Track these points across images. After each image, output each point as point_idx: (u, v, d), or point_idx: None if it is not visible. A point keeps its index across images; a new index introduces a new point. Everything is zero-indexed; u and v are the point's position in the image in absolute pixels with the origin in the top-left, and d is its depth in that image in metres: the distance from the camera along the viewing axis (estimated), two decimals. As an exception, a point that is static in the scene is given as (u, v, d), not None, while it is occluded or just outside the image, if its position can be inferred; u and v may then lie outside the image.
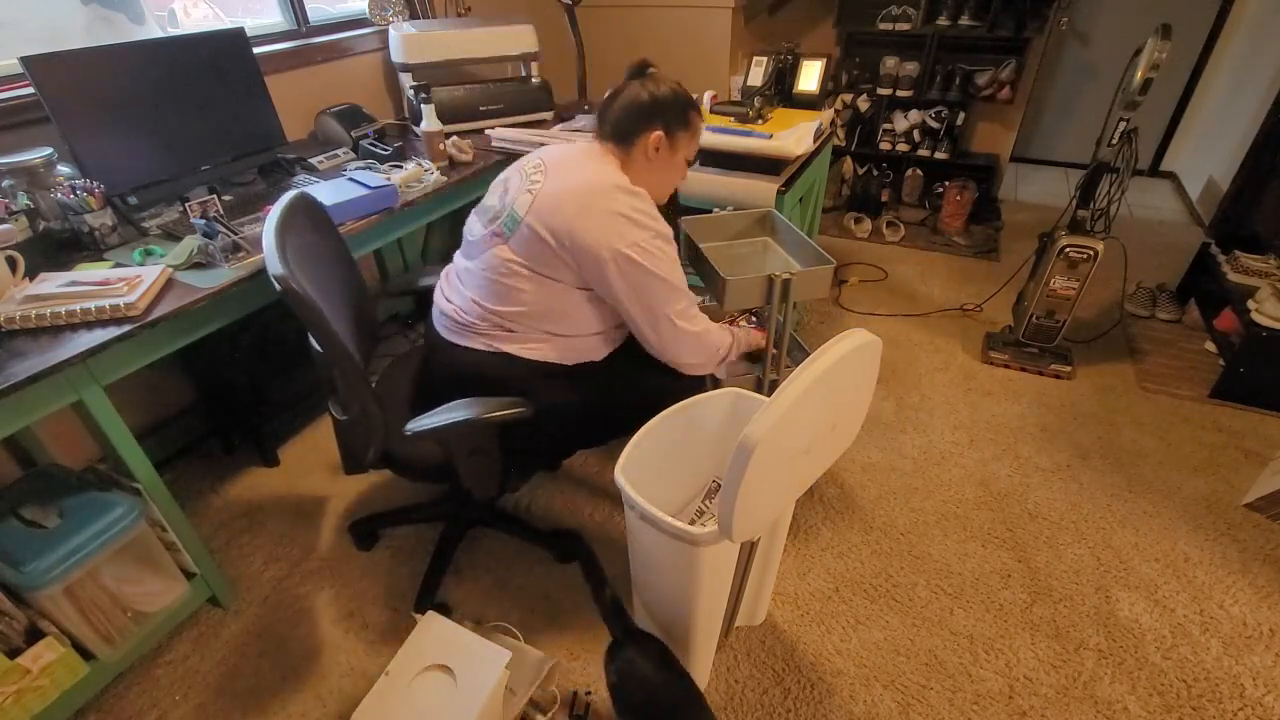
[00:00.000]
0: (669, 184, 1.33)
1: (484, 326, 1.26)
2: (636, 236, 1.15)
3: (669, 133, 1.22)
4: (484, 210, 1.29)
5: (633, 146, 1.23)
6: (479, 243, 1.26)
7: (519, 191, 1.21)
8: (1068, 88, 3.89)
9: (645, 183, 1.23)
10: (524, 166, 1.26)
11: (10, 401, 1.04)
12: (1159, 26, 1.71)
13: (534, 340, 1.25)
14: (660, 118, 1.21)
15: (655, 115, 1.21)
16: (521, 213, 1.18)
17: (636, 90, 1.22)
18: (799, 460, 0.96)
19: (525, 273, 1.19)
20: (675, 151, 1.26)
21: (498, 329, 1.25)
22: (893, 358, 2.32)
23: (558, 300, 1.21)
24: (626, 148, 1.23)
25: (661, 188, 1.30)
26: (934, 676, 1.34)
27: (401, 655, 1.20)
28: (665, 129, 1.22)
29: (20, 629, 1.16)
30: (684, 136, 1.25)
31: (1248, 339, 2.01)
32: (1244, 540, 1.62)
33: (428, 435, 1.15)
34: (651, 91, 1.21)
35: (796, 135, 1.76)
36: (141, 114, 1.53)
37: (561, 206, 1.15)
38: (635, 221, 1.15)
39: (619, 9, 2.95)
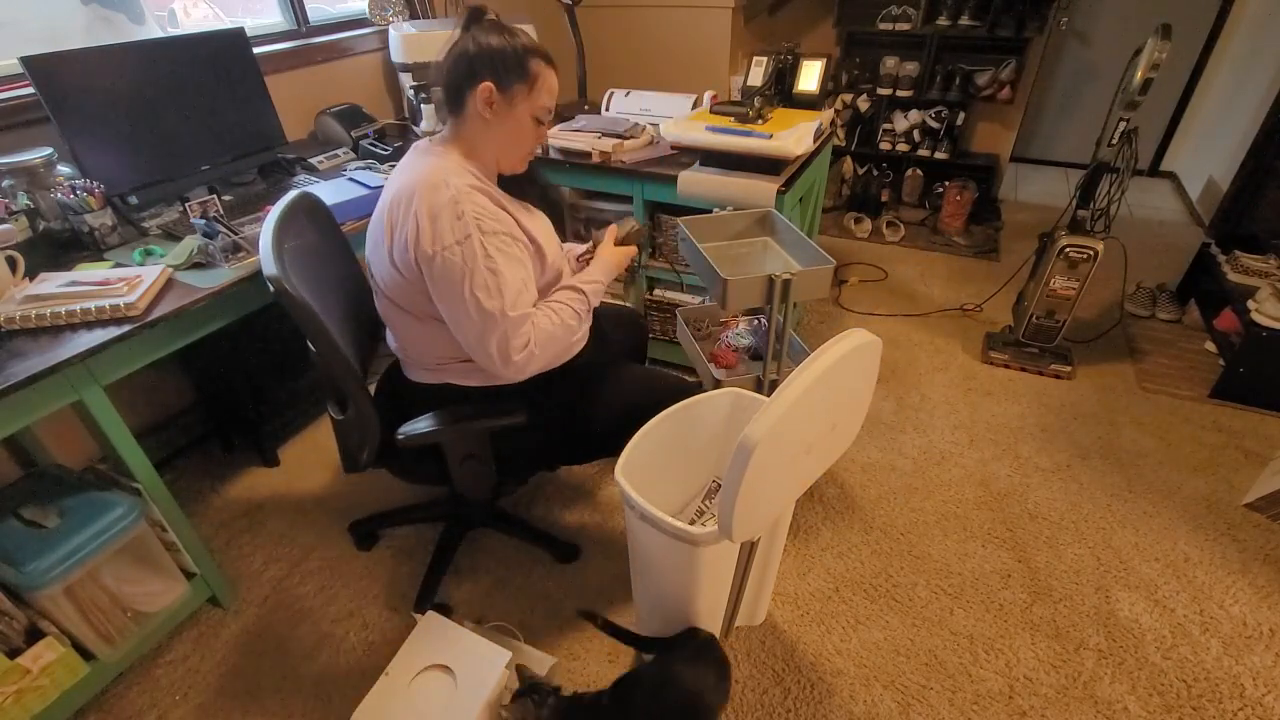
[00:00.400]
0: (517, 148, 1.16)
1: (420, 363, 1.24)
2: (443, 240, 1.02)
3: (501, 85, 1.07)
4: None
5: (464, 111, 1.09)
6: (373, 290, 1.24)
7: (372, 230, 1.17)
8: (1068, 88, 3.89)
9: (487, 151, 1.13)
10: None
11: (10, 401, 1.04)
12: (1159, 26, 1.71)
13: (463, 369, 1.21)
14: (489, 69, 1.06)
15: (482, 66, 1.06)
16: (368, 252, 1.16)
17: (464, 42, 1.07)
18: (799, 460, 0.96)
19: (405, 312, 1.16)
20: (514, 107, 1.09)
21: (433, 363, 1.22)
22: (893, 358, 2.32)
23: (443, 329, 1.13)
24: (459, 112, 1.10)
25: (509, 154, 1.16)
26: (934, 676, 1.34)
27: (401, 655, 1.20)
28: (496, 81, 1.06)
29: (20, 629, 1.16)
30: (522, 89, 1.09)
31: (1248, 339, 2.01)
32: (1244, 540, 1.62)
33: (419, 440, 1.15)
34: (479, 40, 1.06)
35: (796, 135, 1.76)
36: (142, 114, 1.53)
37: (380, 226, 1.10)
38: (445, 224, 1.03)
39: (619, 9, 2.95)
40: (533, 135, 1.15)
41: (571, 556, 1.60)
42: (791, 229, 1.59)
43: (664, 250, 2.12)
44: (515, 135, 1.13)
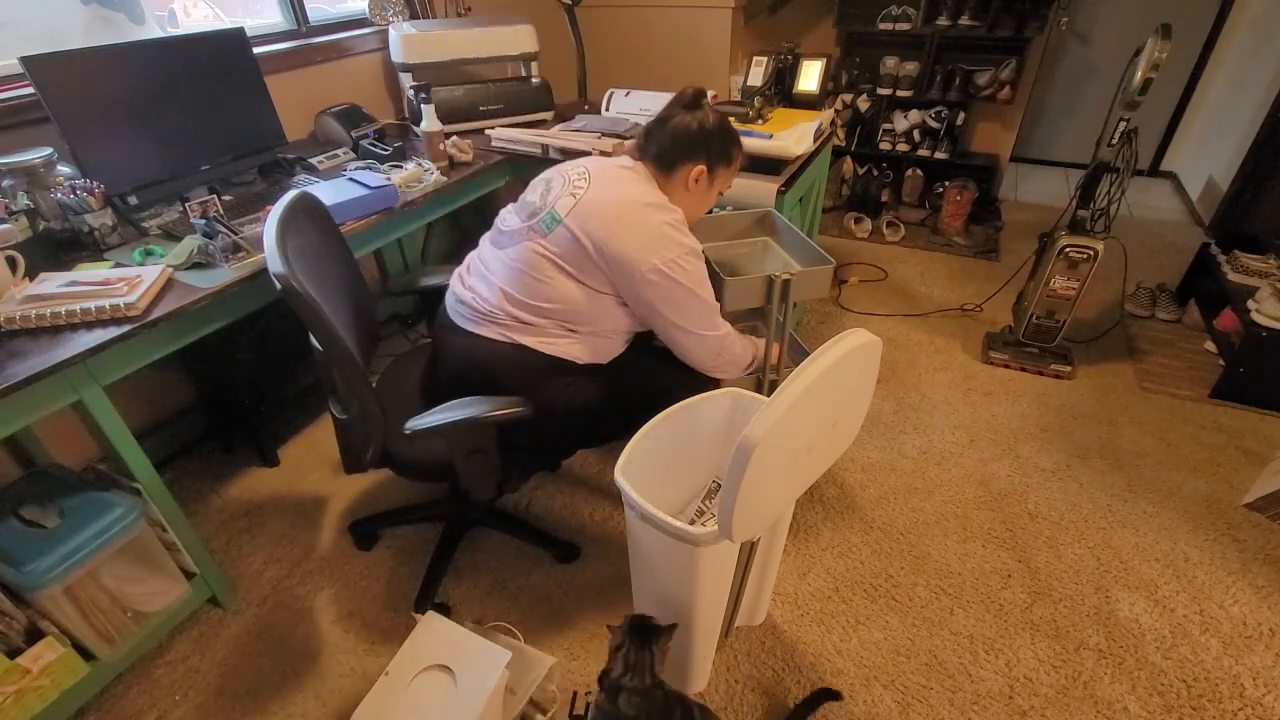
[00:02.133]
0: (701, 211, 1.38)
1: (503, 316, 1.26)
2: (671, 253, 1.18)
3: (711, 168, 1.27)
4: (523, 205, 1.30)
5: (674, 174, 1.27)
6: (513, 234, 1.28)
7: (562, 193, 1.24)
8: (1068, 88, 3.89)
9: (679, 206, 1.27)
10: (567, 171, 1.29)
11: (10, 401, 1.04)
12: (1159, 26, 1.71)
13: (554, 335, 1.26)
14: (705, 152, 1.25)
15: (700, 148, 1.25)
16: (562, 214, 1.21)
17: (687, 120, 1.25)
18: (799, 460, 0.96)
19: (557, 270, 1.21)
20: (713, 185, 1.31)
21: (517, 321, 1.25)
22: (893, 358, 2.32)
23: (585, 300, 1.23)
24: (668, 174, 1.27)
25: (693, 213, 1.33)
26: (934, 676, 1.34)
27: (401, 655, 1.20)
28: (708, 163, 1.26)
29: (20, 629, 1.16)
30: (724, 172, 1.30)
31: (1248, 339, 2.01)
32: (1244, 540, 1.62)
33: (427, 434, 1.15)
34: (701, 123, 1.24)
35: (796, 135, 1.76)
36: (141, 114, 1.53)
37: (603, 216, 1.18)
38: (670, 239, 1.19)
39: (619, 9, 2.95)
40: (712, 202, 1.37)
41: (571, 556, 1.60)
42: (791, 229, 1.59)
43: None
44: (705, 202, 1.34)
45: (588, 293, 1.23)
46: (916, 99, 3.35)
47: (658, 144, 1.26)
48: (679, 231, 1.21)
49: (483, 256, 1.35)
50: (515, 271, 1.25)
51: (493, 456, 1.24)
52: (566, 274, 1.22)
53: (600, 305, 1.24)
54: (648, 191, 1.24)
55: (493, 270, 1.30)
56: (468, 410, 1.16)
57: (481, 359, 1.27)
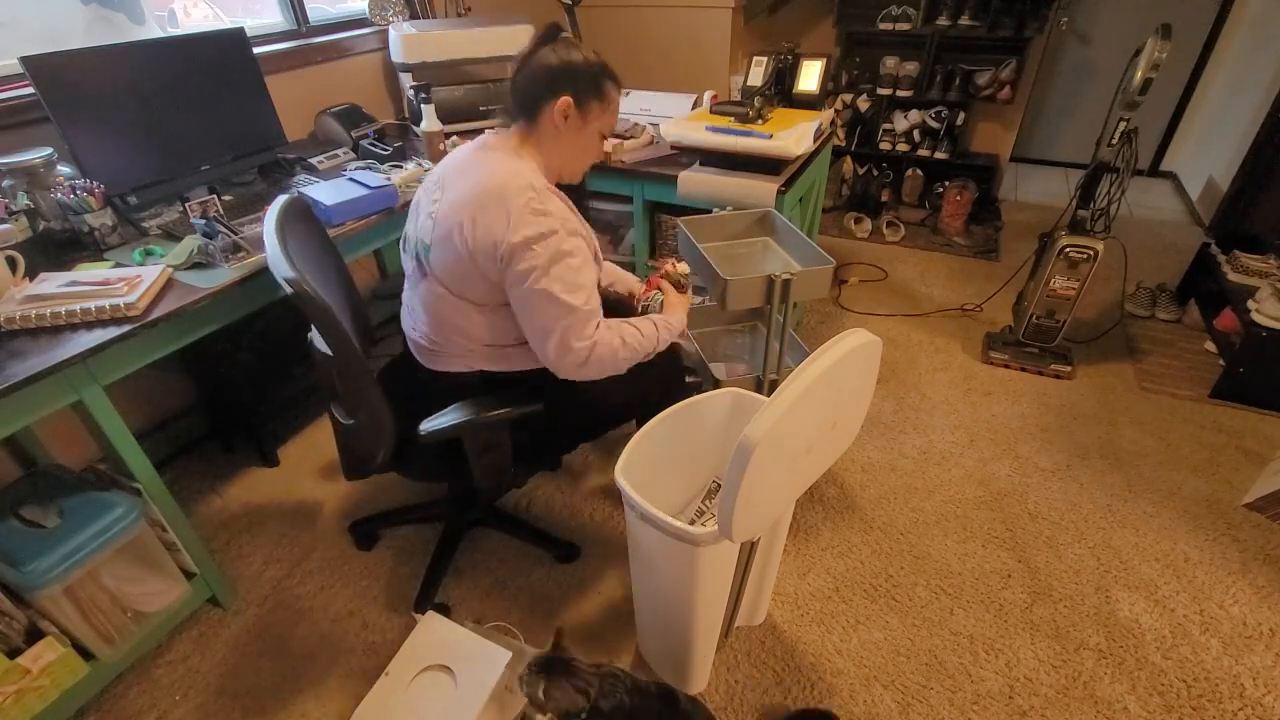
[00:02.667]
0: (581, 160, 1.24)
1: (454, 350, 1.24)
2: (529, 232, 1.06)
3: (579, 101, 1.13)
4: (404, 240, 1.26)
5: (538, 118, 1.14)
6: (411, 277, 1.25)
7: (423, 216, 1.18)
8: (1068, 88, 3.89)
9: (554, 159, 1.18)
10: (428, 184, 1.22)
11: (10, 401, 1.04)
12: (1159, 26, 1.71)
13: (504, 355, 1.23)
14: (570, 84, 1.12)
15: (563, 81, 1.12)
16: (428, 239, 1.16)
17: (545, 55, 1.13)
18: (799, 460, 0.96)
19: (459, 301, 1.16)
20: (587, 123, 1.17)
21: (468, 350, 1.23)
22: (893, 358, 2.32)
23: (500, 318, 1.17)
24: (533, 119, 1.15)
25: (572, 164, 1.23)
26: (934, 676, 1.34)
27: (401, 655, 1.20)
28: (575, 96, 1.13)
29: (20, 629, 1.16)
30: (597, 107, 1.16)
31: (1248, 339, 2.01)
32: (1244, 540, 1.62)
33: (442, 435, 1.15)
34: (561, 56, 1.12)
35: (796, 135, 1.76)
36: (142, 114, 1.53)
37: (458, 217, 1.10)
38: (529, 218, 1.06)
39: (619, 9, 2.95)
40: (597, 150, 1.23)
41: (571, 556, 1.60)
42: (791, 229, 1.59)
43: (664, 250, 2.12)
44: (582, 148, 1.21)
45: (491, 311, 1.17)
46: (916, 99, 3.35)
47: (519, 90, 1.14)
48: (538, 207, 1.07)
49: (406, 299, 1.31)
50: (430, 313, 1.23)
51: (506, 452, 1.24)
52: (464, 300, 1.16)
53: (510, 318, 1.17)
54: (503, 163, 1.13)
55: (418, 310, 1.26)
56: (480, 409, 1.16)
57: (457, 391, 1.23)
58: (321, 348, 1.13)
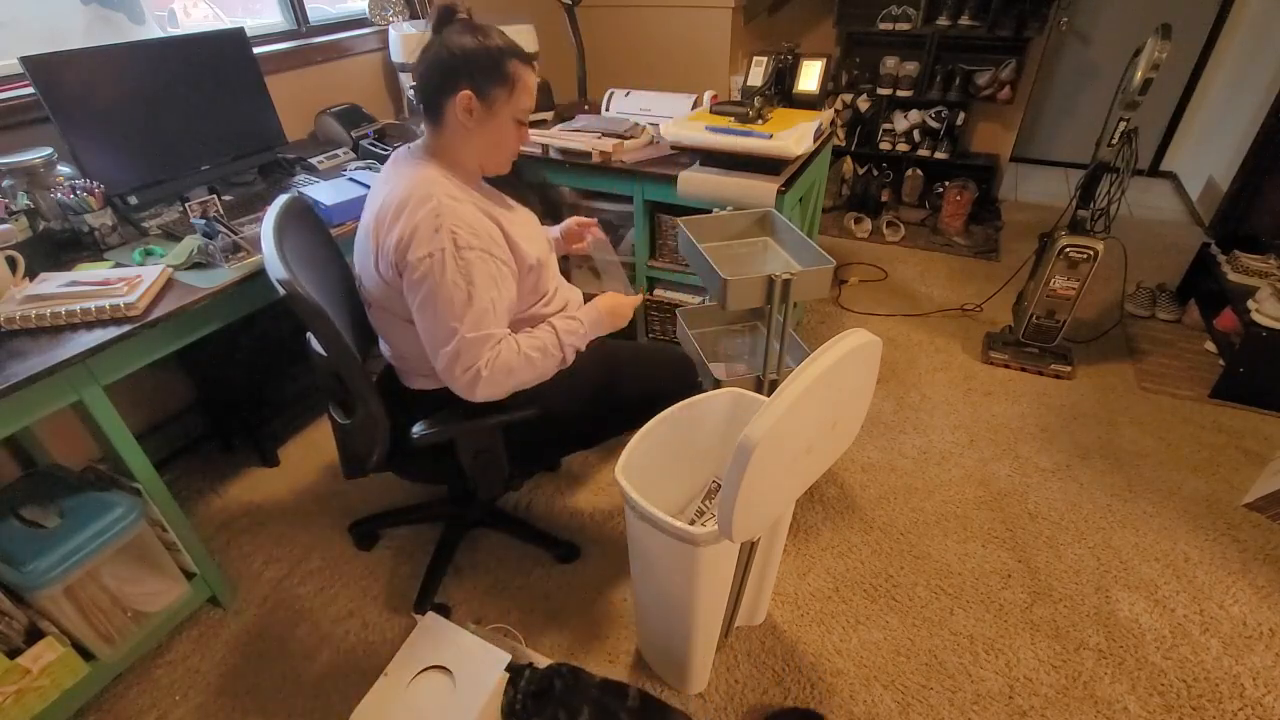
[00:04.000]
0: (500, 152, 1.15)
1: (418, 370, 1.24)
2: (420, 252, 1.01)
3: (480, 91, 1.04)
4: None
5: (443, 118, 1.07)
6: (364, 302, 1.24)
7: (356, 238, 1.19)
8: (1068, 88, 3.89)
9: (469, 157, 1.12)
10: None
11: (10, 401, 1.04)
12: (1159, 26, 1.71)
13: None
14: (465, 75, 1.03)
15: (460, 73, 1.03)
16: (356, 262, 1.17)
17: (433, 49, 1.04)
18: (799, 460, 0.96)
19: (394, 317, 1.15)
20: (494, 113, 1.07)
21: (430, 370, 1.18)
22: (893, 358, 2.32)
23: None
24: (437, 122, 1.08)
25: (492, 157, 1.14)
26: (934, 676, 1.34)
27: (401, 656, 1.20)
28: (474, 87, 1.04)
29: (20, 629, 1.16)
30: (502, 94, 1.06)
31: (1248, 339, 2.01)
32: (1244, 540, 1.62)
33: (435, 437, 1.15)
34: (452, 45, 1.03)
35: (796, 135, 1.75)
36: (142, 114, 1.53)
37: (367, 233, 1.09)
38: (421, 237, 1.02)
39: (619, 9, 2.95)
40: (515, 137, 1.14)
41: (571, 556, 1.60)
42: (791, 229, 1.59)
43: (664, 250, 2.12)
44: (498, 140, 1.12)
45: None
46: (916, 99, 3.35)
47: (420, 91, 1.07)
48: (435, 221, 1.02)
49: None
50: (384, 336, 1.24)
51: (499, 455, 1.24)
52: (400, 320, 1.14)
53: None
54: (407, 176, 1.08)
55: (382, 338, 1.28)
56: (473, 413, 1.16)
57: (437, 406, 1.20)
58: (318, 348, 1.13)
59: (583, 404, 1.32)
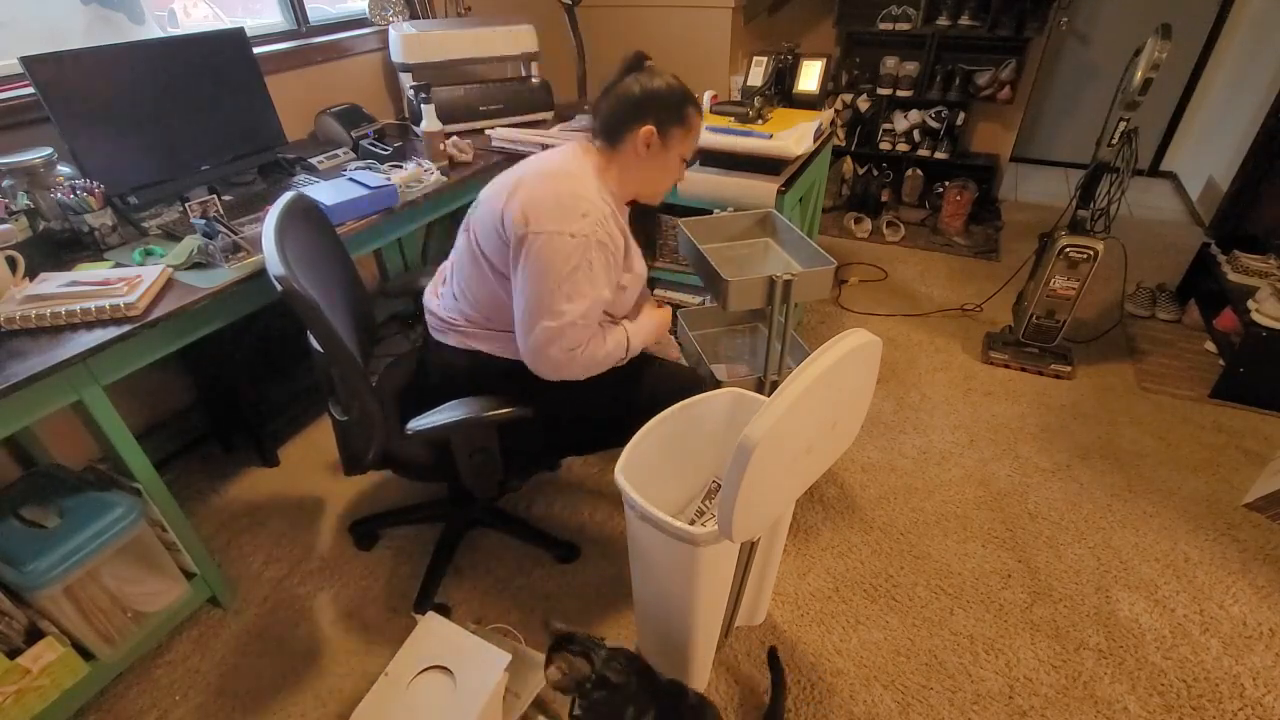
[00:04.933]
0: (663, 184, 1.28)
1: (461, 323, 1.25)
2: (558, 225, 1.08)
3: (661, 129, 1.16)
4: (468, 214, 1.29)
5: (622, 142, 1.18)
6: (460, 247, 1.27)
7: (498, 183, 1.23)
8: (1068, 88, 3.89)
9: (635, 182, 1.22)
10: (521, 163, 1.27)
11: (10, 401, 1.04)
12: (1159, 26, 1.71)
13: (504, 341, 1.23)
14: (652, 112, 1.16)
15: (646, 110, 1.15)
16: (483, 196, 1.21)
17: (629, 84, 1.17)
18: (799, 460, 0.96)
19: (481, 260, 1.19)
20: (669, 149, 1.20)
21: (473, 325, 1.24)
22: (893, 358, 2.32)
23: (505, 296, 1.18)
24: (615, 144, 1.19)
25: (653, 187, 1.26)
26: (934, 676, 1.34)
27: (401, 656, 1.20)
28: (657, 124, 1.16)
29: (20, 629, 1.16)
30: (679, 133, 1.19)
31: (1248, 339, 2.01)
32: (1244, 540, 1.62)
33: (429, 434, 1.15)
34: (644, 85, 1.16)
35: (796, 135, 1.76)
36: (141, 114, 1.53)
37: (514, 187, 1.14)
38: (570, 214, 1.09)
39: (619, 9, 2.95)
40: (676, 172, 1.26)
41: (571, 556, 1.60)
42: (792, 230, 1.59)
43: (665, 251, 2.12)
44: (663, 172, 1.24)
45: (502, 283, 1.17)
46: (916, 99, 3.35)
47: (602, 115, 1.19)
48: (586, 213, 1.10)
49: (449, 263, 1.34)
50: (460, 270, 1.25)
51: (494, 455, 1.24)
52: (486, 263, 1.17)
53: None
54: (576, 164, 1.17)
55: (453, 275, 1.30)
56: (469, 410, 1.16)
57: (448, 368, 1.25)
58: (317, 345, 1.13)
59: (586, 410, 1.32)
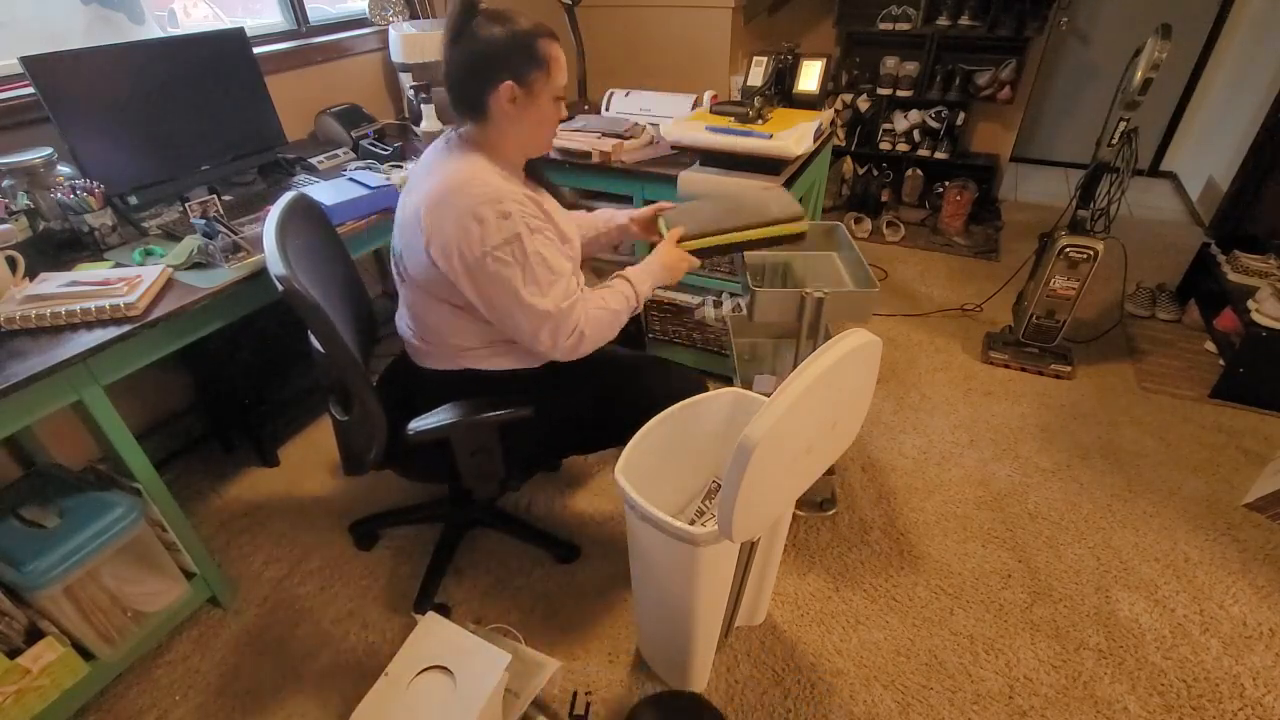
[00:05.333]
0: (544, 132, 1.17)
1: (441, 351, 1.25)
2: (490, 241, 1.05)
3: (520, 79, 1.06)
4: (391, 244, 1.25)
5: (487, 112, 1.09)
6: (397, 279, 1.25)
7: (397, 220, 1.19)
8: (1068, 88, 3.89)
9: (519, 144, 1.15)
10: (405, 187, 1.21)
11: (10, 401, 1.04)
12: (1159, 26, 1.71)
13: (489, 353, 1.23)
14: (504, 66, 1.05)
15: (495, 66, 1.05)
16: (399, 245, 1.17)
17: (467, 42, 1.05)
18: (799, 460, 0.96)
19: (437, 302, 1.17)
20: (535, 95, 1.09)
21: (453, 350, 1.23)
22: (893, 358, 2.32)
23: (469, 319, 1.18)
24: (481, 116, 1.10)
25: (535, 139, 1.17)
26: (934, 676, 1.34)
27: (401, 656, 1.20)
28: (514, 76, 1.05)
29: (20, 629, 1.16)
30: (540, 76, 1.07)
31: (1248, 339, 2.01)
32: (1244, 540, 1.62)
33: (430, 434, 1.15)
34: (483, 36, 1.04)
35: (796, 135, 1.75)
36: (141, 114, 1.53)
37: (420, 220, 1.08)
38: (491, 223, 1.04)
39: (619, 9, 2.95)
40: (555, 115, 1.16)
41: (571, 556, 1.60)
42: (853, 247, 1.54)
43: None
44: (540, 120, 1.14)
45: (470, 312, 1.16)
46: (916, 99, 3.35)
47: (455, 90, 1.09)
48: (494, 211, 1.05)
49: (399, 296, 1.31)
50: (414, 315, 1.24)
51: (495, 455, 1.24)
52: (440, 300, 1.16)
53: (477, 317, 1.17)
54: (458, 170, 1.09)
55: (405, 311, 1.28)
56: (469, 410, 1.16)
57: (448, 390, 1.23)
58: (318, 345, 1.13)
59: (585, 410, 1.32)
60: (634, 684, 1.34)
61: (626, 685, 1.34)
